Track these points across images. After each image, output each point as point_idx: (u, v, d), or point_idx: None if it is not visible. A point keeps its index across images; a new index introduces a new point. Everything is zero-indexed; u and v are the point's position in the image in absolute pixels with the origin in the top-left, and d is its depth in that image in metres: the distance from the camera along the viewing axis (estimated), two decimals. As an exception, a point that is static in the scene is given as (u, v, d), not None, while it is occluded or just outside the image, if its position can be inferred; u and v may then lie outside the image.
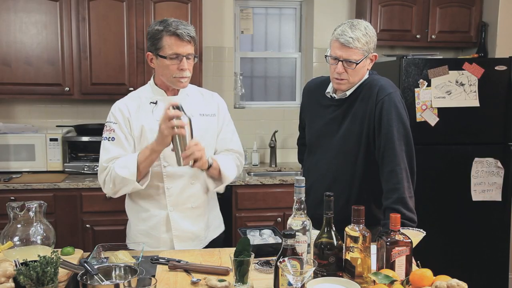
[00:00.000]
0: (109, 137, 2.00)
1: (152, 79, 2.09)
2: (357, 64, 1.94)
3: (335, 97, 2.08)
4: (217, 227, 2.24)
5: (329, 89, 2.10)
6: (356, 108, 2.01)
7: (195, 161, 1.88)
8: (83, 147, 3.57)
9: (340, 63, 1.96)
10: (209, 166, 1.98)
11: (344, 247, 1.56)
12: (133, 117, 2.01)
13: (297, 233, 1.54)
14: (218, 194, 2.25)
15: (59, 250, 1.76)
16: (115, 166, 1.93)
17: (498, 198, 3.52)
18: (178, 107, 1.80)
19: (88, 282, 1.41)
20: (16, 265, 1.43)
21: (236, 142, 2.24)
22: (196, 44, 2.03)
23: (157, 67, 2.00)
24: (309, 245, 1.61)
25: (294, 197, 1.60)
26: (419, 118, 3.39)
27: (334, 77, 2.00)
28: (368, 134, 1.98)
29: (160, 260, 1.80)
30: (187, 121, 1.82)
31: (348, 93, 2.03)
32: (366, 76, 2.04)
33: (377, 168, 1.97)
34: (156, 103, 2.04)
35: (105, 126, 2.04)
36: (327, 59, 2.02)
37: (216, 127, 2.14)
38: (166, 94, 2.05)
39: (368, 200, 1.97)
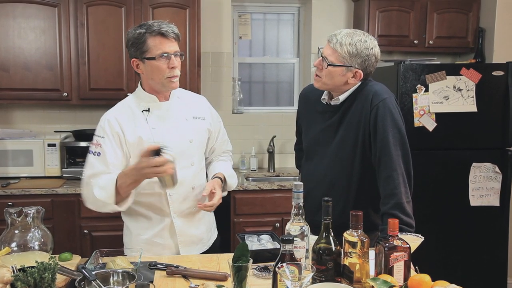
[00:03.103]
0: (95, 152, 1.96)
1: (139, 86, 2.04)
2: (328, 65, 1.94)
3: (330, 104, 2.08)
4: (215, 229, 2.28)
5: (325, 95, 2.10)
6: (351, 115, 2.01)
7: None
8: (81, 152, 3.56)
9: (320, 58, 1.98)
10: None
11: (342, 252, 1.56)
12: (126, 130, 1.96)
13: (295, 239, 1.54)
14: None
15: (57, 256, 1.75)
16: (95, 186, 1.89)
17: (496, 203, 3.52)
18: (159, 150, 1.75)
19: (86, 288, 1.41)
20: (13, 271, 1.42)
21: (229, 142, 2.34)
22: (181, 42, 2.00)
23: (146, 71, 1.95)
24: (307, 250, 1.61)
25: (292, 203, 1.60)
26: (417, 123, 3.39)
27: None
28: (364, 140, 1.98)
29: (158, 265, 1.80)
30: (173, 157, 1.78)
31: (341, 98, 2.03)
32: (359, 83, 2.04)
33: (374, 173, 1.97)
34: (148, 110, 2.00)
35: (93, 139, 2.00)
36: (318, 53, 2.04)
37: (206, 129, 2.14)
38: (158, 100, 2.02)
39: (366, 206, 1.97)
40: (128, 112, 2.00)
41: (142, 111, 2.00)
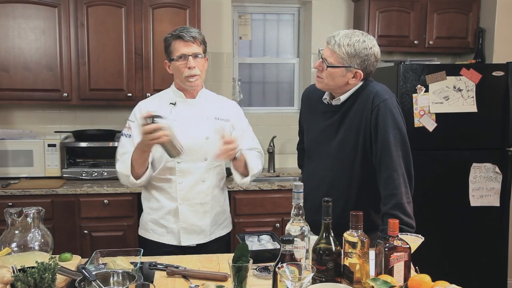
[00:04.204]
0: (126, 134, 2.22)
1: (173, 83, 2.29)
2: (328, 66, 1.95)
3: (331, 104, 2.08)
4: (226, 226, 2.38)
5: (326, 95, 2.11)
6: (352, 115, 2.01)
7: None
8: (81, 152, 3.56)
9: (320, 59, 1.99)
10: (234, 158, 2.13)
11: (342, 252, 1.56)
12: None
13: (295, 239, 1.54)
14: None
15: (57, 256, 1.75)
16: (120, 161, 2.17)
17: (496, 203, 3.52)
18: (154, 116, 1.92)
19: (86, 288, 1.41)
20: (13, 271, 1.42)
21: (257, 143, 2.42)
22: (204, 44, 2.22)
23: (172, 71, 2.22)
24: (307, 250, 1.61)
25: (293, 203, 1.60)
26: (417, 123, 3.39)
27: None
28: (364, 140, 1.98)
29: (158, 266, 1.80)
30: (168, 125, 1.95)
31: (342, 98, 2.03)
32: (360, 83, 2.04)
33: (374, 174, 1.97)
34: (175, 104, 2.23)
35: (126, 123, 2.24)
36: (319, 54, 2.04)
37: (228, 131, 2.26)
38: (185, 97, 2.24)
39: (366, 206, 1.96)
40: (157, 103, 2.25)
41: (170, 104, 2.23)
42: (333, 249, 1.54)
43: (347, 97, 2.03)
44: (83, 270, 1.44)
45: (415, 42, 3.86)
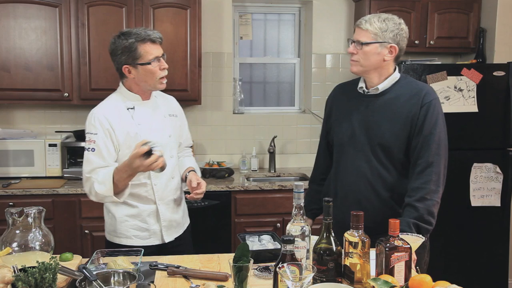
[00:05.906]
0: (89, 148, 2.10)
1: (122, 87, 2.21)
2: (363, 44, 1.96)
3: (368, 92, 2.07)
4: (187, 216, 2.43)
5: (361, 83, 2.10)
6: (397, 107, 2.00)
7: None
8: (82, 152, 3.47)
9: (353, 44, 2.02)
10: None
11: (343, 252, 1.56)
12: (115, 127, 2.11)
13: (296, 239, 1.54)
14: (216, 199, 2.33)
15: (58, 256, 1.76)
16: (95, 181, 2.04)
17: (497, 203, 3.52)
18: (150, 151, 1.89)
19: (87, 288, 1.41)
20: (14, 271, 1.42)
21: (190, 136, 2.53)
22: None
23: (138, 75, 2.11)
24: (308, 250, 1.61)
25: (293, 203, 1.60)
26: (417, 123, 3.39)
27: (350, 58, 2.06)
28: (409, 134, 1.98)
29: (159, 266, 1.80)
30: (160, 154, 1.93)
31: (380, 88, 2.03)
32: (398, 75, 2.05)
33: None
34: (133, 108, 2.17)
35: (86, 137, 2.13)
36: (349, 42, 2.06)
37: (179, 126, 2.35)
38: (142, 99, 2.19)
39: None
40: (115, 110, 2.15)
41: (128, 109, 2.17)
42: (334, 249, 1.54)
43: (385, 88, 2.03)
44: (84, 270, 1.44)
45: (416, 42, 3.86)
